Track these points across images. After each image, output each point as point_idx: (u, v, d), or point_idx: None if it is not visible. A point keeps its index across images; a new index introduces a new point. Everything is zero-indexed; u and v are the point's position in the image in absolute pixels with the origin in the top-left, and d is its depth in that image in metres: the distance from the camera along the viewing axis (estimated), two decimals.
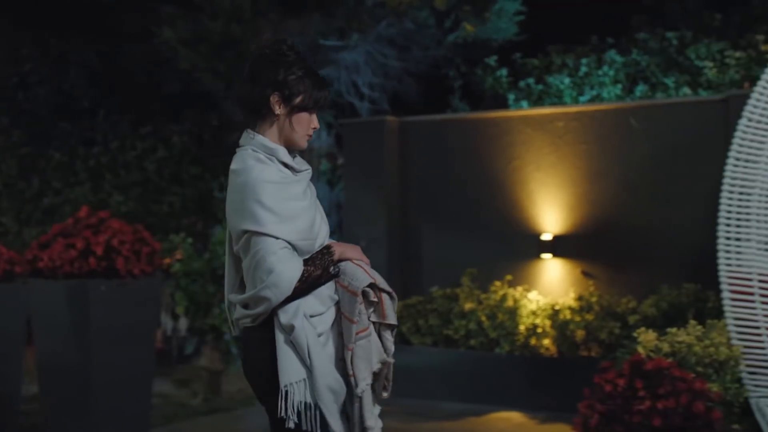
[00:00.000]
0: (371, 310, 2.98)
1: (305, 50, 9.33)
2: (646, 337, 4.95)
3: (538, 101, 8.60)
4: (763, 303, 5.18)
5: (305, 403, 2.86)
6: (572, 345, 7.25)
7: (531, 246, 7.93)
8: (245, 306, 2.94)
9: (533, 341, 7.40)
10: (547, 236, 7.84)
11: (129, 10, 10.06)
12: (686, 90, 8.15)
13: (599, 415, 4.36)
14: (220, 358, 8.06)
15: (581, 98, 8.49)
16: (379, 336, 3.00)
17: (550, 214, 7.91)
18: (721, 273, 5.38)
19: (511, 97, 8.71)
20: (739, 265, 5.32)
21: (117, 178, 9.48)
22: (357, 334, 2.92)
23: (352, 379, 2.90)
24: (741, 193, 5.37)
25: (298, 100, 3.00)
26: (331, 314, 2.96)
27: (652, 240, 7.58)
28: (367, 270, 3.00)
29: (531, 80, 8.63)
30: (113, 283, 6.09)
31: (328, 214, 10.80)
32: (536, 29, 9.64)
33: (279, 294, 2.85)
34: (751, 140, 5.36)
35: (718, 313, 5.81)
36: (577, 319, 7.26)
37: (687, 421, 4.26)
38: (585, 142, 7.82)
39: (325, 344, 2.92)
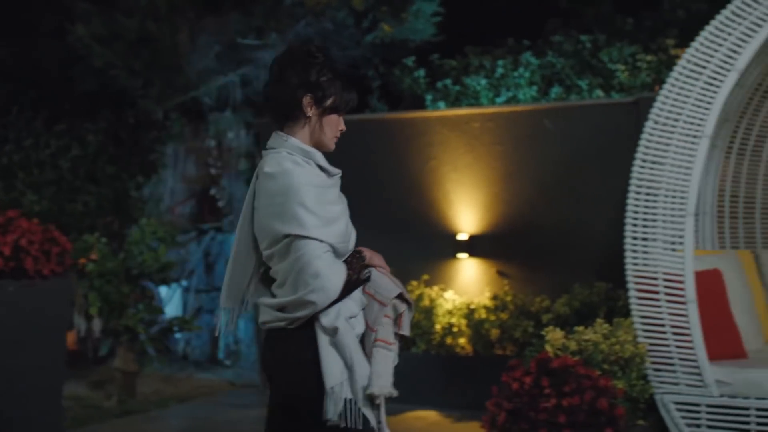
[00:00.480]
0: (394, 322, 3.01)
1: (223, 49, 9.29)
2: (554, 335, 5.03)
3: (455, 102, 8.67)
4: (668, 302, 5.30)
5: (349, 402, 2.87)
6: (487, 344, 7.34)
7: (447, 246, 7.99)
8: (281, 309, 2.93)
9: (449, 340, 7.47)
10: (463, 236, 7.91)
11: (43, 6, 9.89)
12: (599, 92, 8.29)
13: (506, 413, 4.42)
14: (134, 360, 7.97)
15: (497, 99, 8.58)
16: None
17: (466, 214, 7.98)
18: (628, 272, 5.49)
19: (429, 97, 8.77)
20: (645, 265, 5.43)
21: (30, 177, 9.29)
22: (375, 341, 2.95)
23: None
24: (648, 194, 5.49)
25: (329, 101, 3.00)
26: (362, 316, 2.99)
27: (565, 240, 7.70)
28: (393, 279, 3.05)
29: (448, 81, 8.69)
30: (21, 283, 5.98)
31: None
32: (454, 30, 9.71)
33: (326, 298, 2.87)
34: (657, 142, 5.47)
35: (628, 312, 5.92)
36: (492, 318, 7.35)
37: (591, 417, 4.34)
38: (500, 142, 7.91)
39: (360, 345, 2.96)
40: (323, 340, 2.90)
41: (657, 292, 5.33)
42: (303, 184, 2.90)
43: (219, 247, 10.09)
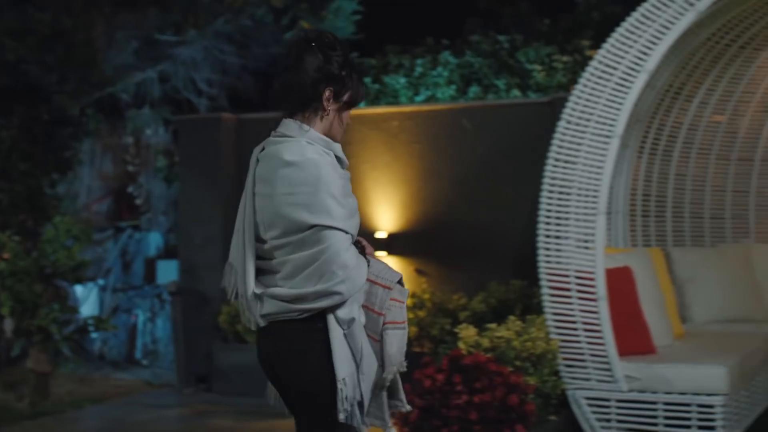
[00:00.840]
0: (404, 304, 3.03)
1: (140, 45, 9.17)
2: (467, 332, 5.08)
3: (374, 101, 8.70)
4: (580, 299, 5.38)
5: (356, 395, 2.86)
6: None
7: None
8: (296, 300, 2.85)
9: None
10: (381, 234, 7.93)
11: None
12: (516, 92, 8.39)
13: (418, 410, 4.45)
14: (48, 360, 7.81)
15: (417, 98, 8.62)
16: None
17: (385, 212, 8.01)
18: (541, 270, 5.56)
19: None
20: (558, 262, 5.51)
21: None
22: (384, 324, 2.95)
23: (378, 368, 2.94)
24: (561, 193, 5.56)
25: (347, 96, 2.99)
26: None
27: (482, 238, 7.77)
28: (386, 264, 3.06)
29: (368, 80, 8.71)
30: None
31: (164, 213, 10.58)
32: (373, 29, 9.73)
33: (353, 289, 2.84)
34: (570, 142, 5.55)
35: (542, 309, 6.00)
36: (410, 315, 7.38)
37: (502, 413, 4.39)
38: (419, 141, 7.95)
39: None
40: (336, 332, 2.86)
41: (569, 290, 5.41)
42: (331, 175, 2.86)
43: (136, 245, 9.96)
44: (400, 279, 3.02)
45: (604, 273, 5.34)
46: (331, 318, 2.86)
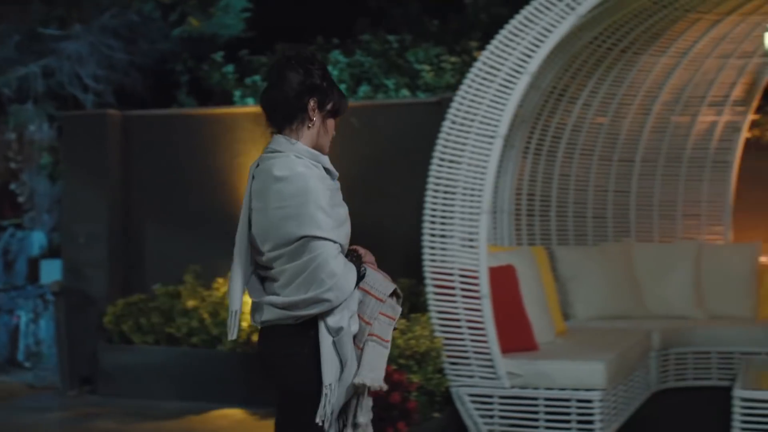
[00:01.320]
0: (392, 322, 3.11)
1: (23, 38, 8.93)
2: None
3: None
4: (464, 297, 5.45)
5: (338, 402, 2.98)
6: None
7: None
8: (288, 308, 2.97)
9: (255, 338, 7.43)
10: None
11: None
12: (405, 92, 8.45)
13: None
14: None
15: None
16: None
17: None
18: (426, 268, 5.62)
19: (238, 93, 8.70)
20: (443, 261, 5.57)
21: None
22: (369, 335, 3.03)
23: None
24: (446, 192, 5.62)
25: (330, 106, 3.13)
26: (356, 313, 3.06)
27: (370, 237, 7.68)
28: (384, 275, 3.12)
29: (257, 78, 8.66)
30: None
31: (48, 211, 10.30)
32: (264, 27, 9.67)
33: (341, 296, 2.96)
34: (455, 141, 5.62)
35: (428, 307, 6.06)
36: None
37: (384, 411, 4.41)
38: None
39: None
40: (326, 340, 2.97)
41: (453, 288, 5.47)
42: (318, 187, 3.00)
43: (19, 244, 9.69)
44: (395, 291, 3.10)
45: (487, 271, 5.42)
46: (321, 325, 2.97)
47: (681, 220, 8.05)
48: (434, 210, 5.64)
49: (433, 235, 5.62)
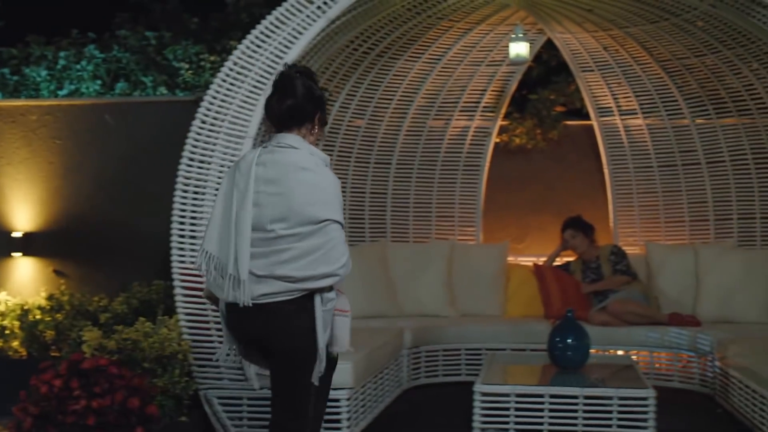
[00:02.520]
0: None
1: None
2: (91, 335, 4.92)
3: (14, 93, 8.25)
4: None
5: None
6: (42, 346, 7.03)
7: (1, 244, 7.59)
8: (304, 280, 3.56)
9: (1, 343, 7.08)
10: (17, 234, 7.54)
11: None
12: (163, 89, 8.28)
13: (33, 418, 4.25)
14: None
15: (60, 92, 8.28)
16: None
17: (22, 210, 7.62)
18: (174, 270, 5.51)
19: None
20: (192, 262, 5.47)
21: None
22: (335, 310, 3.74)
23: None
24: (195, 193, 5.53)
25: (325, 118, 3.88)
26: None
27: (125, 237, 7.61)
28: None
29: (6, 70, 8.25)
30: None
31: None
32: (15, 17, 9.23)
33: (347, 272, 3.66)
34: (205, 141, 5.54)
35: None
36: (48, 318, 7.06)
37: (122, 417, 4.30)
38: (59, 137, 7.65)
39: None
40: (320, 311, 3.62)
41: (202, 290, 5.38)
42: (336, 180, 3.70)
43: None
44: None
45: None
46: (317, 299, 3.62)
47: (434, 221, 8.30)
48: (183, 211, 5.54)
49: (182, 236, 5.53)
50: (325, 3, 5.58)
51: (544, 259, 8.01)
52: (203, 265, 3.74)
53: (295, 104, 3.71)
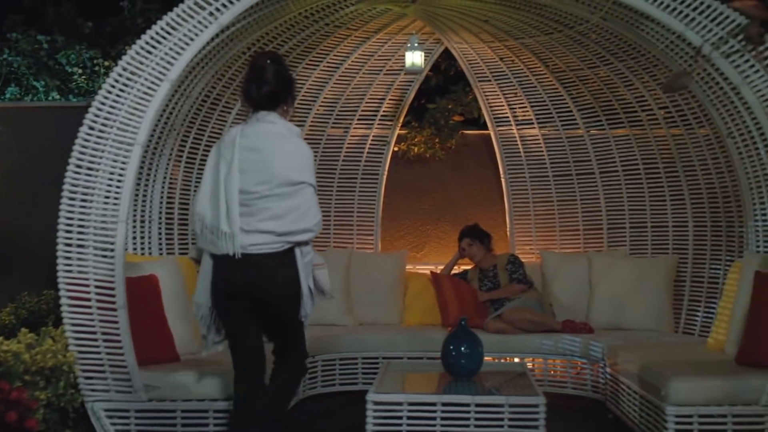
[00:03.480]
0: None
1: None
2: None
3: None
4: (100, 309, 5.25)
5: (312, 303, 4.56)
6: None
7: None
8: (286, 234, 4.37)
9: None
10: None
11: None
12: (56, 95, 8.10)
13: None
14: None
15: None
16: None
17: None
18: (60, 280, 5.36)
19: None
20: (79, 272, 5.34)
21: None
22: (314, 265, 4.60)
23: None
24: (83, 201, 5.40)
25: (294, 96, 4.70)
26: None
27: (15, 246, 7.41)
28: None
29: None
30: None
31: None
32: None
33: (319, 228, 4.47)
34: (93, 148, 5.41)
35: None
36: None
37: None
38: None
39: None
40: (300, 261, 4.43)
41: (89, 299, 5.27)
42: (310, 150, 4.51)
43: None
44: None
45: (124, 282, 5.26)
46: (298, 252, 4.42)
47: (333, 229, 8.29)
48: (70, 219, 5.40)
49: (68, 245, 5.38)
50: (217, 9, 5.50)
51: (441, 267, 8.06)
52: (197, 225, 4.47)
53: (270, 90, 4.50)
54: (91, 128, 5.43)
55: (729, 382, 5.28)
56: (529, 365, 7.27)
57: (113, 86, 5.46)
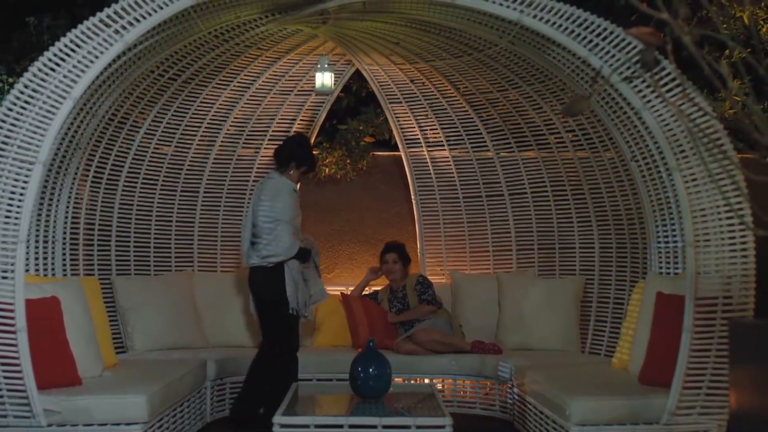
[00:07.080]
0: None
1: None
2: None
3: None
4: None
5: (295, 301, 6.41)
6: None
7: None
8: (268, 257, 6.37)
9: None
10: None
11: None
12: None
13: None
14: None
15: None
16: None
17: None
18: None
19: None
20: None
21: None
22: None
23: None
24: None
25: (303, 168, 6.64)
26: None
27: None
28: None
29: None
30: None
31: None
32: None
33: (291, 254, 6.39)
34: None
35: None
36: None
37: None
38: None
39: None
40: (288, 274, 6.35)
41: None
42: (289, 197, 6.44)
43: None
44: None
45: (24, 304, 5.12)
46: (286, 266, 6.35)
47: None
48: None
49: None
50: (123, 27, 5.42)
51: (352, 288, 8.04)
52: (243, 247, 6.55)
53: (276, 152, 6.66)
54: None
55: (631, 401, 5.36)
56: (439, 386, 7.29)
57: (14, 103, 5.32)
